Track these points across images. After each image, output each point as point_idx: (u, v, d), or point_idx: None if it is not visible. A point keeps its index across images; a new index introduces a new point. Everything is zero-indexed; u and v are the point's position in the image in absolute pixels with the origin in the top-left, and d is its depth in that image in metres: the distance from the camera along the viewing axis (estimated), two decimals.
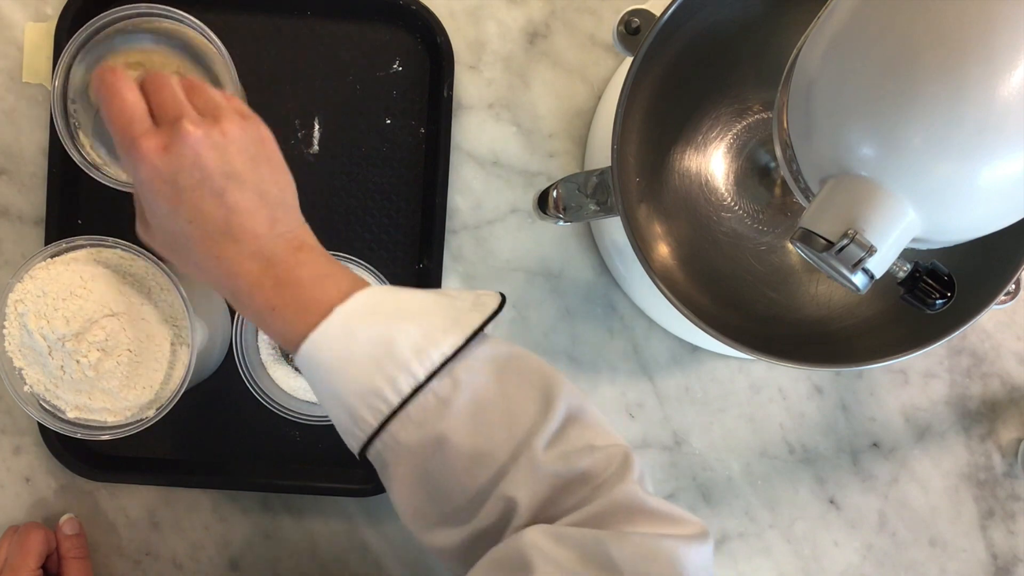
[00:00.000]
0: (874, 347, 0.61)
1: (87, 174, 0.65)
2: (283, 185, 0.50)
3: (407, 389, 0.45)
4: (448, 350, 0.45)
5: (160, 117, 0.47)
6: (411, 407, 0.45)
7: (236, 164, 0.47)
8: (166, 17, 0.62)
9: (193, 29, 0.62)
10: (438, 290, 0.51)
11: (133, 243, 0.61)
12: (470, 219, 0.72)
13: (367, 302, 0.47)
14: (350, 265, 0.67)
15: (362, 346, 0.45)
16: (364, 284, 0.49)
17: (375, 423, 0.45)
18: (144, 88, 0.48)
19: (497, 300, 0.49)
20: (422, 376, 0.45)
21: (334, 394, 0.46)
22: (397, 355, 0.45)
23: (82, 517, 0.71)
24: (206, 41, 0.62)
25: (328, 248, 0.66)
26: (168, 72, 0.51)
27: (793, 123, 0.46)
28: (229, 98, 0.51)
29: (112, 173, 0.63)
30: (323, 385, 0.47)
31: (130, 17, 0.62)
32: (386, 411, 0.45)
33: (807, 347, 0.64)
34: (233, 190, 0.47)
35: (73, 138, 0.62)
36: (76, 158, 0.61)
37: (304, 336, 0.46)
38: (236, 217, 0.47)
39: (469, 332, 0.46)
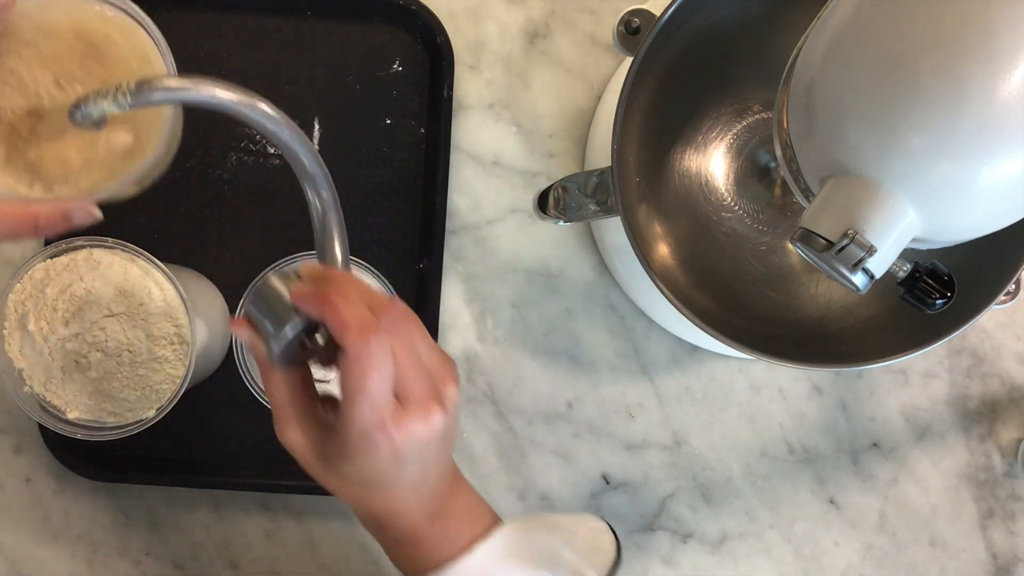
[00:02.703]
0: (874, 347, 0.61)
1: None
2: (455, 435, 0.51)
3: None
4: None
5: (405, 394, 0.45)
6: None
7: (448, 438, 0.48)
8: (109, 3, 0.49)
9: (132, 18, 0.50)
10: (555, 520, 0.52)
11: (132, 243, 0.61)
12: (470, 219, 0.72)
13: (506, 543, 0.49)
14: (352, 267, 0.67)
15: None
16: (499, 520, 0.51)
17: None
18: (395, 355, 0.44)
19: (612, 546, 0.51)
20: None
21: None
22: None
23: (82, 517, 0.71)
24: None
25: None
26: (412, 330, 0.46)
27: (793, 123, 0.46)
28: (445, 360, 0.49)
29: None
30: None
31: None
32: None
33: (807, 347, 0.64)
34: (440, 462, 0.48)
35: None
36: None
37: (439, 565, 0.48)
38: (430, 481, 0.48)
39: None
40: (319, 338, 0.47)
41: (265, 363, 0.47)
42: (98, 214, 0.49)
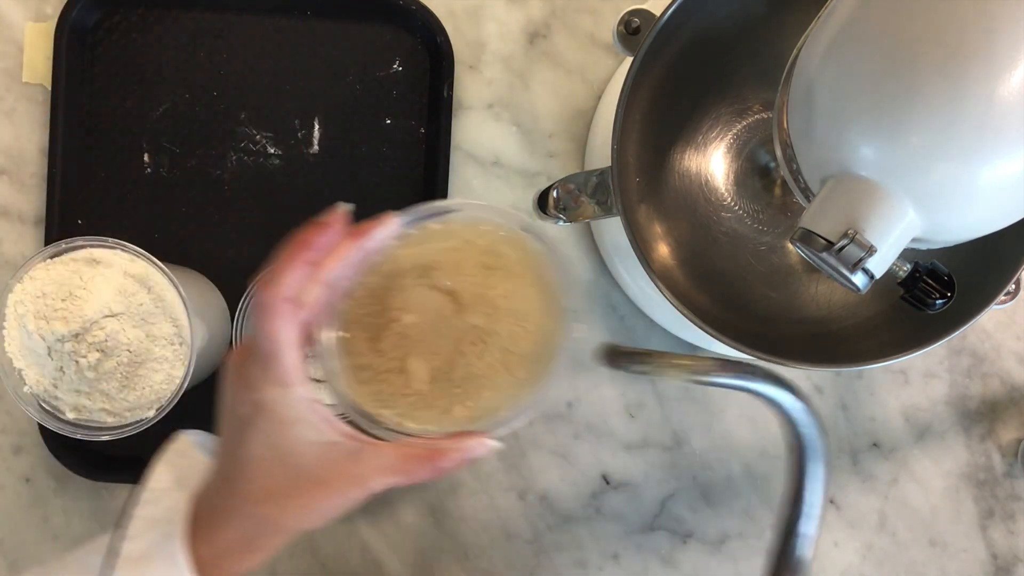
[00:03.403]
0: (874, 347, 0.61)
1: (87, 174, 0.65)
2: None
3: None
4: None
5: None
6: None
7: None
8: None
9: None
10: None
11: (132, 243, 0.61)
12: None
13: None
14: None
15: None
16: None
17: None
18: None
19: None
20: None
21: None
22: None
23: (82, 517, 0.71)
24: None
25: None
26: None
27: (793, 123, 0.46)
28: None
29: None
30: None
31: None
32: None
33: (807, 347, 0.64)
34: None
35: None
36: None
37: None
38: None
39: None
40: None
41: None
42: (497, 446, 0.45)
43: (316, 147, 0.71)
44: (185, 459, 0.47)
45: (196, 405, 0.69)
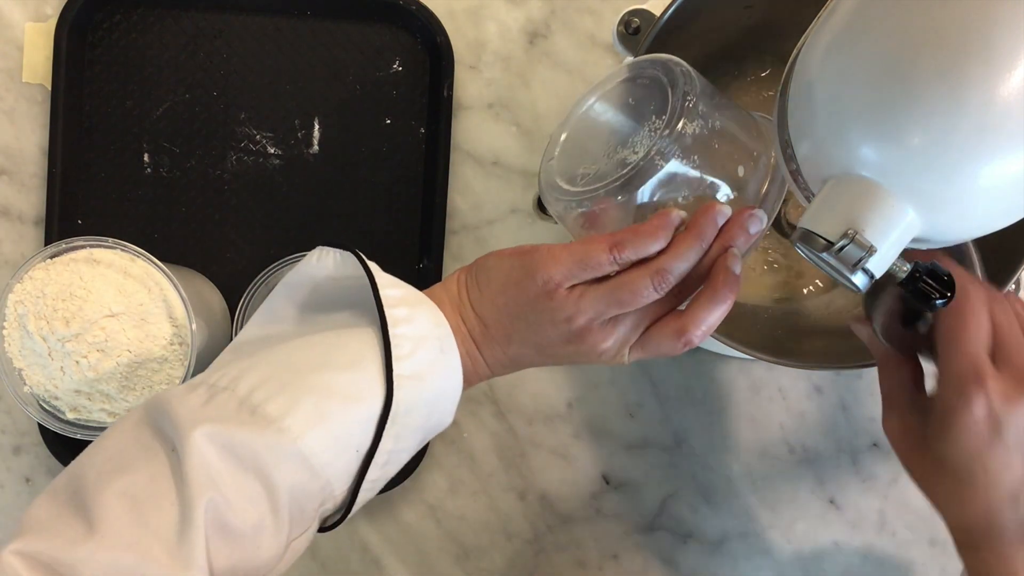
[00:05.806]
0: None
1: (87, 174, 0.65)
2: None
3: None
4: None
5: (1003, 356, 0.46)
6: None
7: None
8: None
9: None
10: None
11: (132, 243, 0.61)
12: (470, 219, 0.72)
13: None
14: None
15: None
16: None
17: None
18: (992, 316, 0.47)
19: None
20: None
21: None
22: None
23: None
24: None
25: None
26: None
27: (793, 123, 0.46)
28: None
29: None
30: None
31: None
32: None
33: (807, 347, 0.64)
34: None
35: None
36: None
37: None
38: None
39: None
40: (922, 326, 0.50)
41: (875, 347, 0.53)
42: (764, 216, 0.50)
43: (316, 147, 0.71)
44: (384, 274, 0.49)
45: None
